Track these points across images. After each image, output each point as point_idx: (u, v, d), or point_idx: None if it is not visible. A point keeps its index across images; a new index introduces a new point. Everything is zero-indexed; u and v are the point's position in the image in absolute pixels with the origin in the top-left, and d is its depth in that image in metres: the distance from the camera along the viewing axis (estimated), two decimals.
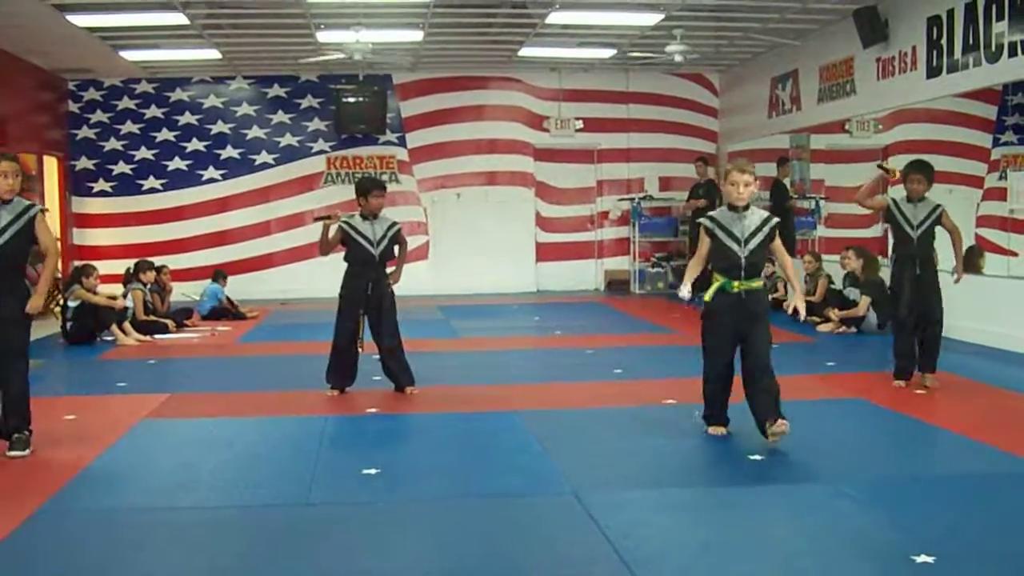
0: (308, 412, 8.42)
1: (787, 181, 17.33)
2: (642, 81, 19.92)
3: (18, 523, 5.43)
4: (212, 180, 19.20)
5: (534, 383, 9.88)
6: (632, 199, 19.83)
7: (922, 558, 4.76)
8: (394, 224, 9.25)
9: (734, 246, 7.13)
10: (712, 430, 7.34)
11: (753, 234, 7.16)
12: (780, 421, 6.78)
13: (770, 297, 15.56)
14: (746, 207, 7.23)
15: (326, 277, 9.47)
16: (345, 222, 9.10)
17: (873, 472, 6.46)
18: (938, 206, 9.05)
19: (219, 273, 16.35)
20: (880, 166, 9.55)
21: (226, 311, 15.71)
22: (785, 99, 17.27)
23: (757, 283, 7.21)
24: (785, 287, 15.53)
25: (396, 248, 9.26)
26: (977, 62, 11.83)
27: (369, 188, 9.16)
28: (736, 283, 7.11)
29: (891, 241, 9.32)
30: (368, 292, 9.04)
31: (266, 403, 8.90)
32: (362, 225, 9.07)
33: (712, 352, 7.33)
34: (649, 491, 6.04)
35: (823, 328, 13.21)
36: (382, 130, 19.22)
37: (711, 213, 7.42)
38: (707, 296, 7.23)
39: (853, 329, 12.93)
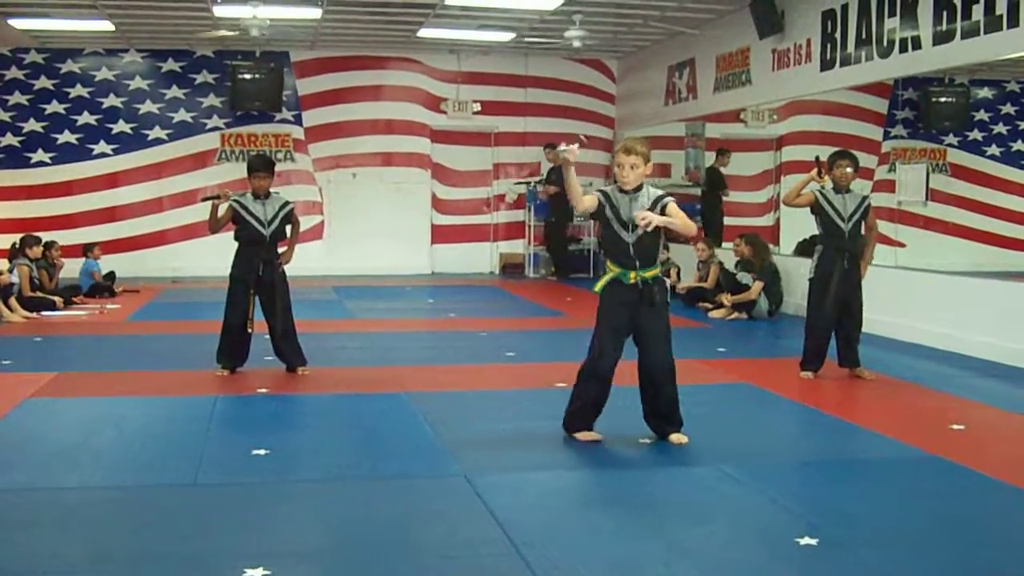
0: (198, 392, 8.32)
1: (723, 170, 17.56)
2: (540, 65, 19.98)
3: None
4: (103, 155, 18.84)
5: (427, 365, 9.87)
6: (528, 183, 19.88)
7: (806, 540, 4.85)
8: (286, 204, 9.14)
9: (622, 232, 6.56)
10: (583, 436, 6.74)
11: None
12: (682, 435, 6.76)
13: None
14: (637, 188, 6.59)
15: (219, 255, 9.34)
16: (236, 200, 8.94)
17: (760, 456, 6.56)
18: (866, 198, 8.99)
19: (89, 246, 15.94)
20: (817, 159, 9.21)
21: (104, 287, 15.36)
22: (682, 87, 17.42)
23: (653, 271, 6.63)
24: (678, 273, 15.69)
25: (288, 228, 9.18)
26: (869, 56, 12.06)
27: (252, 169, 9.03)
28: (632, 273, 6.56)
29: (819, 232, 9.05)
30: (259, 273, 8.93)
31: (155, 382, 8.77)
32: (253, 205, 8.95)
33: (601, 350, 6.67)
34: (539, 473, 6.07)
35: (715, 314, 13.37)
36: (278, 108, 19.01)
37: (605, 188, 6.70)
38: (597, 286, 6.73)
39: (744, 315, 13.11)
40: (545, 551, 4.72)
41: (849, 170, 8.90)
